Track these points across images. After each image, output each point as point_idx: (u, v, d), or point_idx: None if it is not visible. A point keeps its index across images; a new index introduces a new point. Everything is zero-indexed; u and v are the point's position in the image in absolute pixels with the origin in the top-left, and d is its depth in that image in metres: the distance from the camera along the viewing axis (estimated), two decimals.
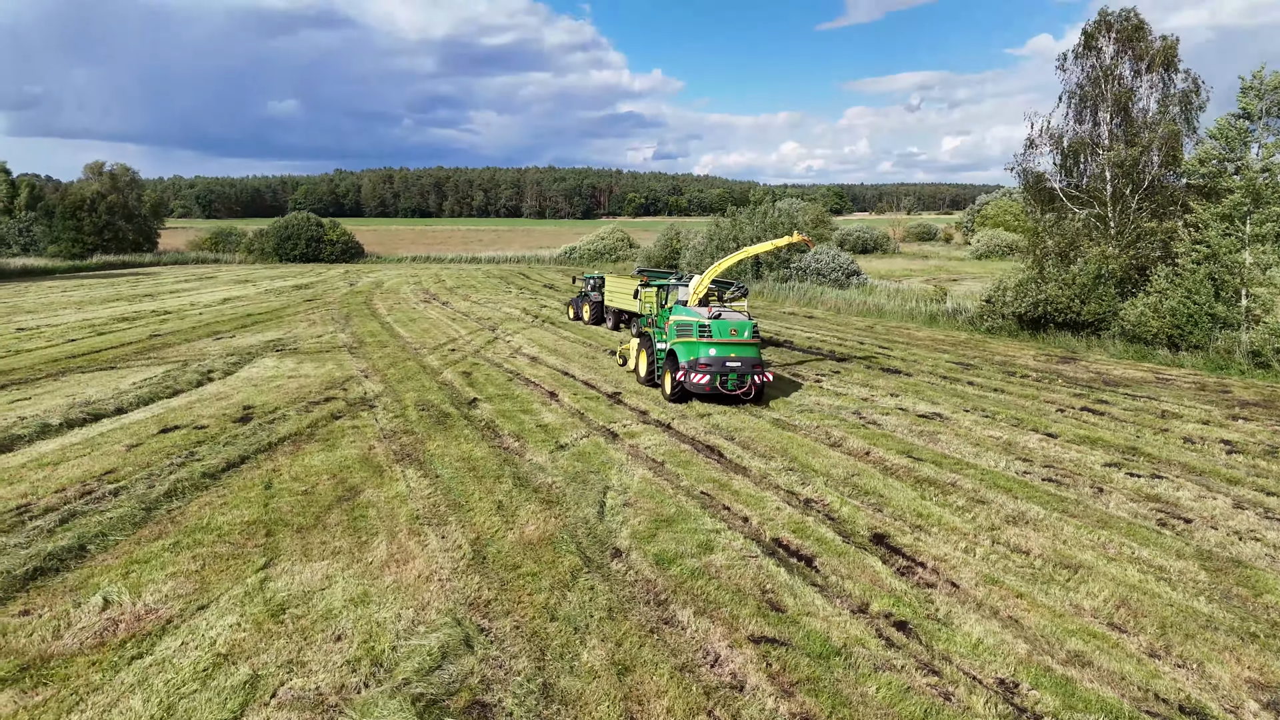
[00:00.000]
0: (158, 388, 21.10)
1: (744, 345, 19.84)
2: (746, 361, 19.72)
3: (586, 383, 22.46)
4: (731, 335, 19.71)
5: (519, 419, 18.18)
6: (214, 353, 27.18)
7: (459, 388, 21.72)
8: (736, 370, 19.49)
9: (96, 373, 23.77)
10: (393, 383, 22.28)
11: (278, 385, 21.86)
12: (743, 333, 19.89)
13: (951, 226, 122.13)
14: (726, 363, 19.42)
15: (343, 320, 36.07)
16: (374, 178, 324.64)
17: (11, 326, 33.72)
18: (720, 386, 19.41)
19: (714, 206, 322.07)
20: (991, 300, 30.92)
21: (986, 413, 18.58)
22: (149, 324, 34.55)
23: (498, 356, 26.83)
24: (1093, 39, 28.26)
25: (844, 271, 46.56)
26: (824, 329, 33.56)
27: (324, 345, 28.97)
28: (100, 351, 27.52)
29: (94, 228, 73.98)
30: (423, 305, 42.55)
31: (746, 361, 19.72)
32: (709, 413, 18.73)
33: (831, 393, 20.94)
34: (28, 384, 22.07)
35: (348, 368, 24.53)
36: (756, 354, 20.15)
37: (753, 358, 19.93)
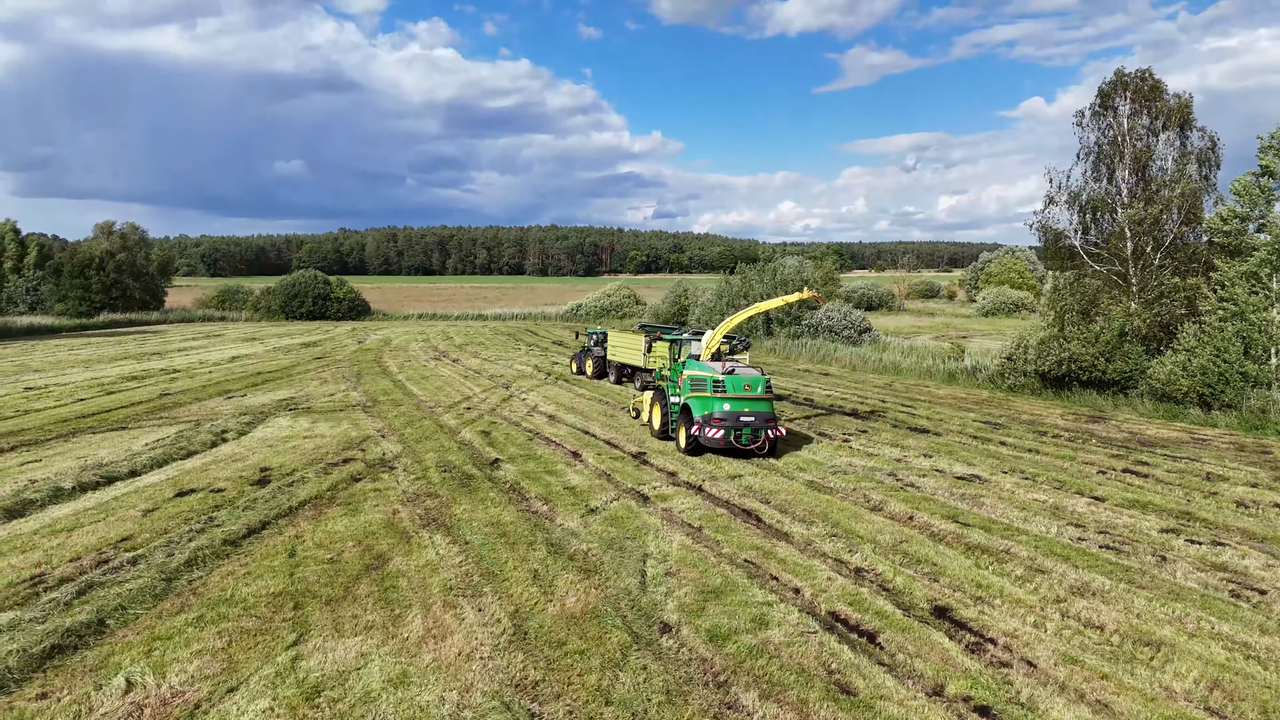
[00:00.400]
0: (171, 449, 20.58)
1: (757, 400, 20.02)
2: (760, 416, 19.88)
3: (609, 442, 21.95)
4: (745, 390, 19.92)
5: (545, 480, 17.64)
6: (226, 412, 26.71)
7: (479, 448, 21.21)
8: (750, 425, 19.64)
9: (108, 433, 23.27)
10: (411, 443, 21.77)
11: (294, 446, 21.35)
12: (756, 388, 20.08)
13: (955, 284, 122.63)
14: (740, 417, 19.59)
15: (354, 378, 35.67)
16: (378, 236, 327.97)
17: (19, 386, 33.29)
18: (734, 441, 19.54)
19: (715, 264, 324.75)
20: (1013, 358, 30.55)
21: (1026, 475, 18.03)
22: (158, 383, 34.14)
23: (515, 415, 26.35)
24: (1109, 98, 28.44)
25: (856, 328, 46.34)
26: (842, 386, 33.14)
27: (337, 404, 28.52)
28: (110, 411, 27.05)
29: (102, 286, 74.14)
30: (434, 363, 42.22)
31: (760, 416, 19.88)
32: (740, 473, 18.20)
33: (863, 453, 20.41)
34: (38, 445, 21.56)
35: (364, 427, 24.04)
36: (770, 409, 20.30)
37: (766, 413, 20.08)
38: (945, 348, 40.62)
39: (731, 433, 19.52)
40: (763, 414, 19.98)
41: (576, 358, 38.46)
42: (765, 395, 20.31)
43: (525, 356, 45.91)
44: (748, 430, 19.62)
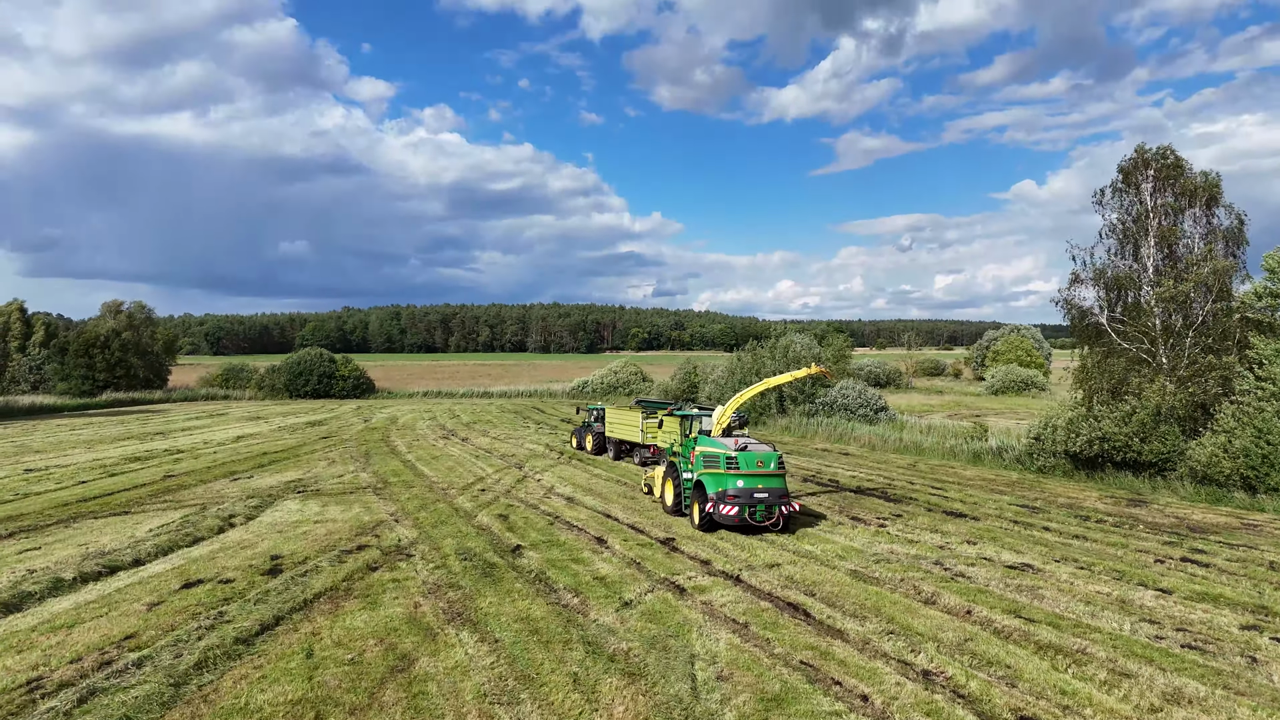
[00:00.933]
0: (177, 535, 19.66)
1: (771, 476, 20.02)
2: (774, 492, 19.85)
3: (633, 526, 21.01)
4: (759, 466, 19.98)
5: (572, 570, 16.69)
6: (232, 495, 25.82)
7: (498, 533, 20.27)
8: (764, 501, 19.65)
9: (110, 518, 22.36)
10: (427, 528, 20.84)
11: (304, 531, 20.43)
12: (769, 464, 20.14)
13: (960, 361, 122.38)
14: (754, 494, 19.60)
15: (363, 458, 34.81)
16: (381, 314, 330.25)
17: (20, 467, 32.42)
18: (749, 518, 19.56)
19: (717, 341, 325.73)
20: (1040, 438, 29.76)
21: (1080, 564, 17.08)
22: (162, 464, 33.28)
23: (531, 497, 25.44)
24: (1130, 176, 28.38)
25: (872, 407, 45.64)
26: (865, 467, 32.25)
27: (347, 486, 27.62)
28: (113, 494, 26.16)
29: (106, 365, 73.70)
30: (442, 442, 41.38)
31: (774, 492, 19.85)
32: (777, 561, 17.25)
33: (902, 539, 19.46)
34: (37, 531, 20.64)
35: (376, 511, 23.13)
36: (783, 485, 20.26)
37: (780, 488, 20.05)
38: (966, 427, 39.84)
39: (746, 509, 19.45)
40: (776, 490, 19.90)
41: (577, 433, 38.79)
42: (778, 471, 20.24)
43: (535, 435, 45.08)
44: (762, 506, 19.60)
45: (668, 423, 28.97)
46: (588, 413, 38.88)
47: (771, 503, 19.73)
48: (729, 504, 19.51)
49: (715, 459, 20.45)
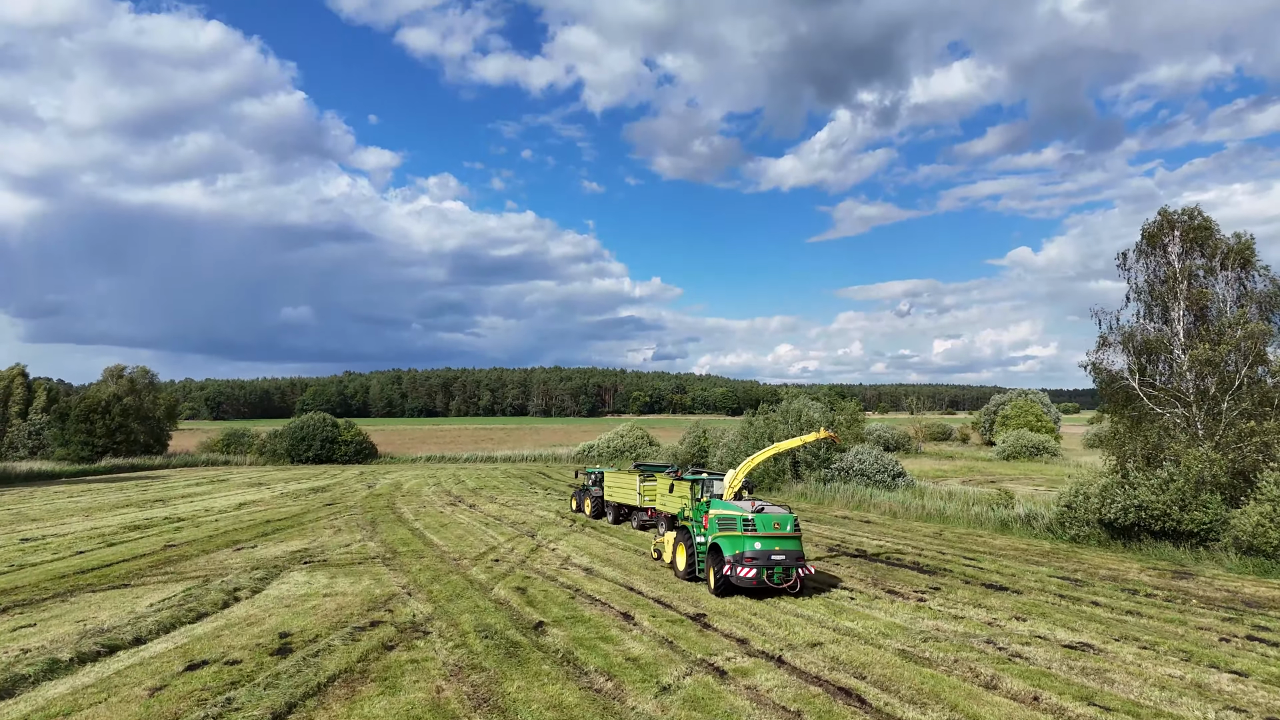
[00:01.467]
0: (179, 610, 18.64)
1: (787, 539, 20.15)
2: (790, 555, 20.00)
3: (659, 600, 19.96)
4: (775, 529, 20.14)
5: (601, 650, 15.66)
6: (236, 566, 24.79)
7: (517, 607, 19.24)
8: (781, 563, 19.79)
9: (109, 591, 21.33)
10: (442, 602, 19.81)
11: (313, 606, 19.40)
12: (785, 526, 20.31)
13: (968, 426, 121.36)
14: (771, 556, 19.74)
15: (369, 526, 33.74)
16: (382, 379, 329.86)
17: (15, 536, 31.37)
18: (767, 580, 19.62)
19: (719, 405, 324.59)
20: (1072, 506, 28.81)
21: (1143, 643, 16.05)
22: (162, 533, 32.23)
23: (548, 568, 24.40)
24: (1156, 239, 28.03)
25: (889, 473, 44.65)
26: (889, 535, 31.18)
27: (355, 556, 26.58)
28: (111, 566, 25.12)
29: (106, 430, 72.80)
30: (450, 509, 40.29)
31: (790, 555, 20.00)
32: (819, 640, 16.22)
33: (947, 614, 18.43)
34: (33, 606, 19.61)
35: (387, 583, 22.09)
36: (799, 547, 20.39)
37: (796, 551, 20.21)
38: (989, 494, 38.83)
39: (764, 571, 19.55)
40: (793, 552, 20.07)
41: (576, 496, 38.89)
42: (794, 533, 20.41)
43: (544, 501, 43.99)
44: (779, 569, 19.72)
45: (678, 487, 28.83)
46: (586, 476, 39.17)
47: (788, 565, 19.81)
48: (746, 566, 19.52)
49: (731, 521, 20.49)
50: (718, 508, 21.51)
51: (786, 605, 19.44)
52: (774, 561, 19.71)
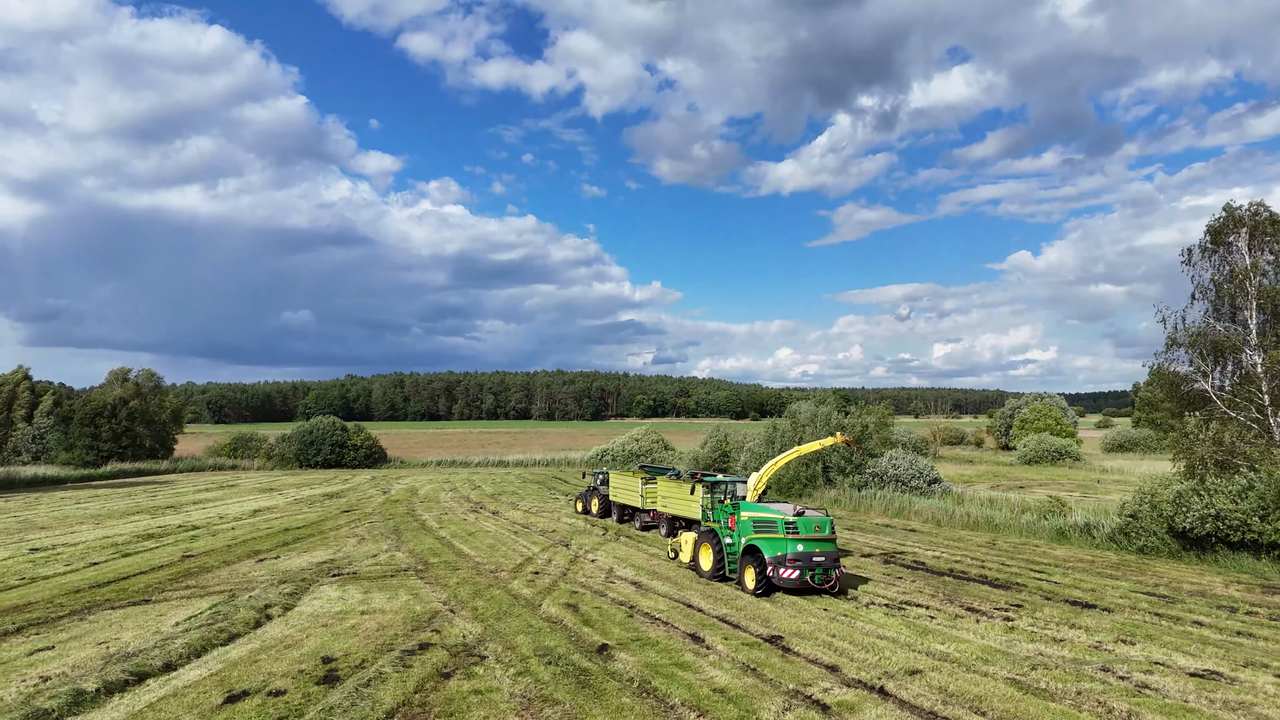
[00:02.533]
0: (209, 631, 17.19)
1: (826, 540, 21.06)
2: (829, 556, 20.89)
3: (725, 619, 18.51)
4: (815, 531, 20.99)
5: (679, 678, 14.20)
6: (261, 579, 23.36)
7: (573, 627, 17.80)
8: (821, 565, 20.65)
9: (129, 608, 19.89)
10: (490, 620, 18.37)
11: (352, 625, 17.96)
12: (824, 529, 21.17)
13: (982, 430, 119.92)
14: (813, 558, 20.59)
15: (394, 535, 32.29)
16: (385, 382, 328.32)
17: (24, 546, 29.93)
18: (809, 580, 20.44)
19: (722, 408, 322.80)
20: (1137, 515, 27.36)
21: (1275, 670, 14.60)
22: (178, 542, 30.78)
23: (592, 581, 22.95)
24: (1221, 235, 26.64)
25: (925, 478, 43.20)
26: (942, 545, 29.71)
27: (385, 568, 25.14)
28: (128, 578, 23.68)
29: (112, 434, 71.35)
30: (473, 515, 38.83)
31: (829, 556, 20.89)
32: (917, 667, 14.76)
33: (1043, 637, 16.97)
34: (48, 625, 18.17)
35: (427, 599, 20.65)
36: (835, 548, 21.35)
37: (834, 552, 21.13)
38: (1038, 501, 37.40)
39: (805, 572, 20.39)
40: (831, 554, 20.96)
41: (582, 497, 39.96)
42: (832, 535, 21.32)
43: (567, 507, 42.51)
44: (820, 570, 20.55)
45: (698, 490, 28.59)
46: (593, 477, 40.59)
47: (828, 566, 20.69)
48: (790, 567, 20.36)
49: (771, 524, 21.23)
50: (751, 509, 22.15)
51: (864, 625, 18.00)
52: (815, 563, 20.55)
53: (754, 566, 20.98)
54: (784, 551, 20.57)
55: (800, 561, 20.39)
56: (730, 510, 23.19)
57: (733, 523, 22.70)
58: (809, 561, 20.47)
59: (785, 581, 20.30)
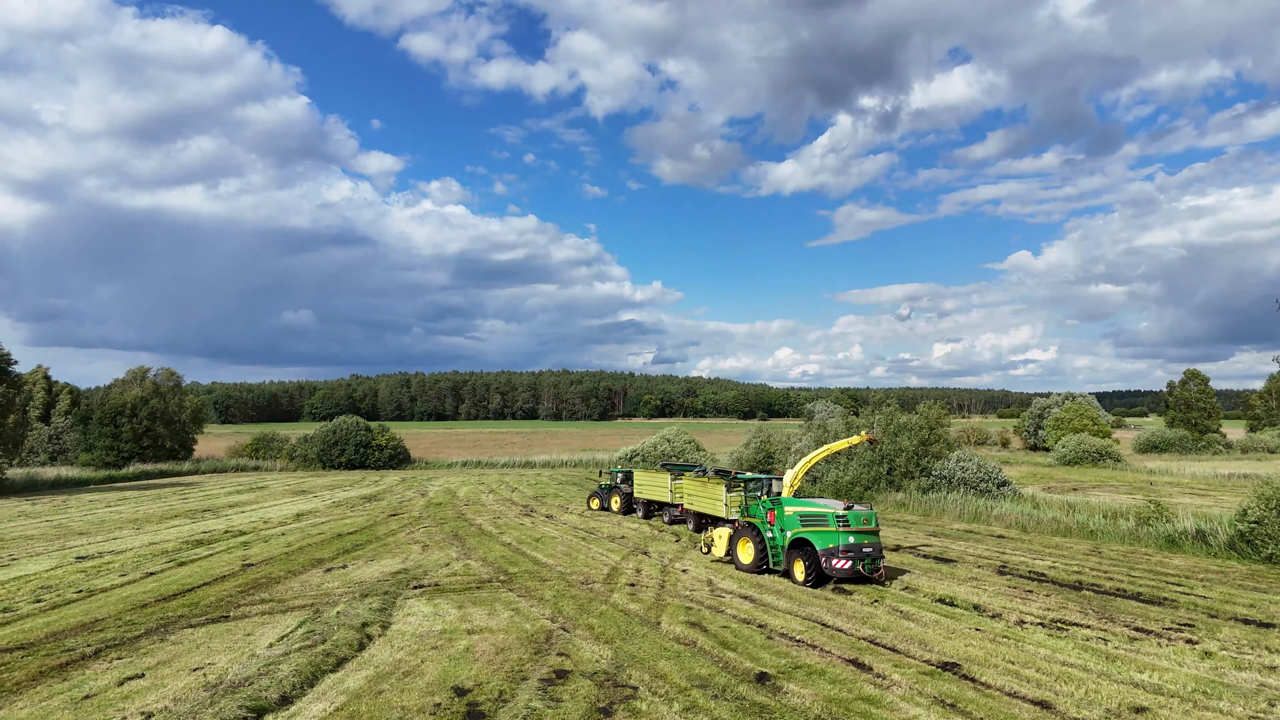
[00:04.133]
0: (312, 654, 15.42)
1: (872, 533, 22.40)
2: (876, 548, 22.26)
3: (875, 641, 16.72)
4: (864, 524, 22.25)
5: (876, 717, 12.42)
6: (338, 591, 21.61)
7: (712, 650, 16.03)
8: (869, 555, 21.96)
9: (209, 625, 18.13)
10: (615, 641, 16.61)
11: (466, 648, 16.19)
12: (870, 522, 22.49)
13: (1009, 430, 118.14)
14: (863, 549, 21.88)
15: (456, 541, 30.51)
16: (390, 382, 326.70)
17: (69, 554, 28.17)
18: (862, 570, 21.79)
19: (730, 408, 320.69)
20: (1263, 521, 25.59)
21: None
22: (230, 549, 29.01)
23: (697, 594, 21.19)
24: None
25: (993, 481, 41.43)
26: (1047, 554, 27.91)
27: (467, 579, 23.39)
28: (193, 590, 21.93)
29: (133, 434, 69.60)
30: (527, 520, 37.05)
31: (876, 548, 22.26)
32: (1141, 705, 12.98)
33: (1255, 664, 15.18)
34: (128, 647, 16.40)
35: (531, 616, 18.88)
36: (879, 540, 22.71)
37: (879, 544, 22.50)
38: (1124, 505, 35.61)
39: (857, 562, 21.68)
40: (877, 545, 22.28)
41: (598, 494, 41.52)
42: (877, 528, 22.70)
43: (619, 514, 40.67)
44: (868, 559, 21.89)
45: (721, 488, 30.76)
46: (610, 475, 42.59)
47: (875, 556, 22.00)
48: (842, 558, 21.59)
49: (821, 518, 22.49)
50: (797, 505, 23.48)
51: (1035, 649, 16.22)
52: (864, 553, 21.84)
53: (803, 559, 22.24)
54: (836, 543, 21.79)
55: (852, 552, 21.64)
56: (769, 506, 24.37)
57: (772, 518, 23.94)
58: (859, 552, 21.77)
59: (838, 572, 21.55)
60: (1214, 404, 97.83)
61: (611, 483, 41.70)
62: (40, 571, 24.86)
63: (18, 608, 20.07)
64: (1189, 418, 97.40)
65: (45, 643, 16.80)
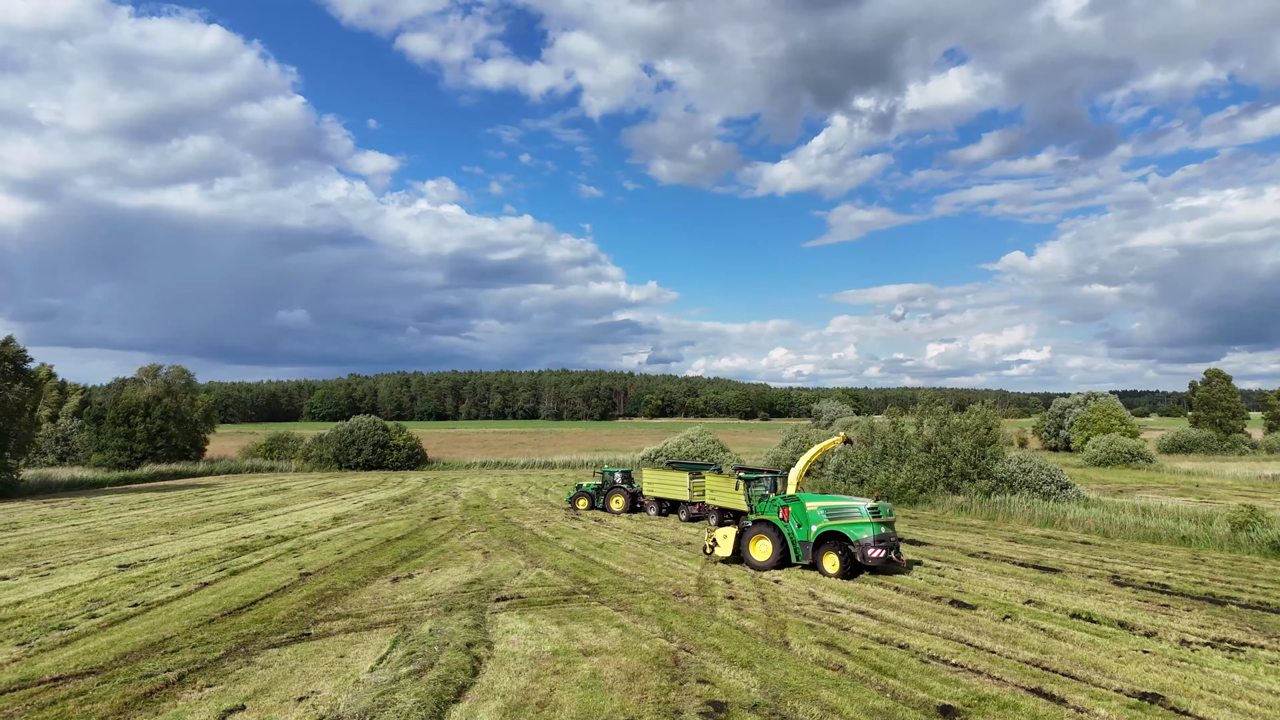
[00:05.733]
0: (429, 683, 13.78)
1: (891, 524, 24.00)
2: (896, 536, 24.18)
3: (1045, 667, 15.12)
4: (887, 516, 23.98)
5: None
6: (414, 604, 19.98)
7: (868, 676, 14.43)
8: (894, 544, 23.47)
9: (293, 645, 16.45)
10: (754, 666, 14.99)
11: (591, 673, 14.54)
12: (891, 513, 24.28)
13: (1026, 430, 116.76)
14: (890, 539, 23.34)
15: (516, 547, 28.84)
16: (390, 382, 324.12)
17: (108, 562, 26.45)
18: (893, 558, 23.42)
19: (732, 408, 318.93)
20: None
21: None
22: (279, 556, 27.31)
23: (808, 608, 19.55)
24: None
25: (1056, 483, 39.91)
26: (1153, 563, 26.33)
27: (548, 591, 21.75)
28: (257, 603, 20.25)
29: (146, 434, 67.69)
30: (576, 523, 35.38)
31: (896, 536, 24.18)
32: None
33: None
34: (211, 670, 14.73)
35: (643, 634, 17.25)
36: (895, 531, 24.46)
37: (896, 534, 24.55)
38: (1191, 509, 34.10)
39: (888, 551, 23.07)
40: (894, 535, 23.96)
41: (586, 495, 40.76)
42: (893, 519, 24.54)
43: (671, 518, 39.04)
44: (893, 548, 23.42)
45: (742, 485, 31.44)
46: (603, 475, 41.82)
47: (896, 545, 23.65)
48: (877, 548, 22.79)
49: (849, 511, 23.91)
50: (818, 501, 24.80)
51: (1225, 673, 14.65)
52: (891, 542, 23.25)
53: (835, 552, 23.19)
54: (869, 534, 22.98)
55: (884, 542, 22.93)
56: (781, 503, 25.28)
57: (785, 514, 24.86)
58: (887, 541, 23.09)
59: (873, 561, 22.73)
60: (1238, 404, 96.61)
61: (605, 482, 41.29)
62: (84, 582, 23.14)
63: (73, 623, 18.37)
64: (1213, 417, 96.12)
65: (117, 666, 15.12)
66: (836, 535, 23.50)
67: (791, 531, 24.43)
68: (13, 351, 48.99)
